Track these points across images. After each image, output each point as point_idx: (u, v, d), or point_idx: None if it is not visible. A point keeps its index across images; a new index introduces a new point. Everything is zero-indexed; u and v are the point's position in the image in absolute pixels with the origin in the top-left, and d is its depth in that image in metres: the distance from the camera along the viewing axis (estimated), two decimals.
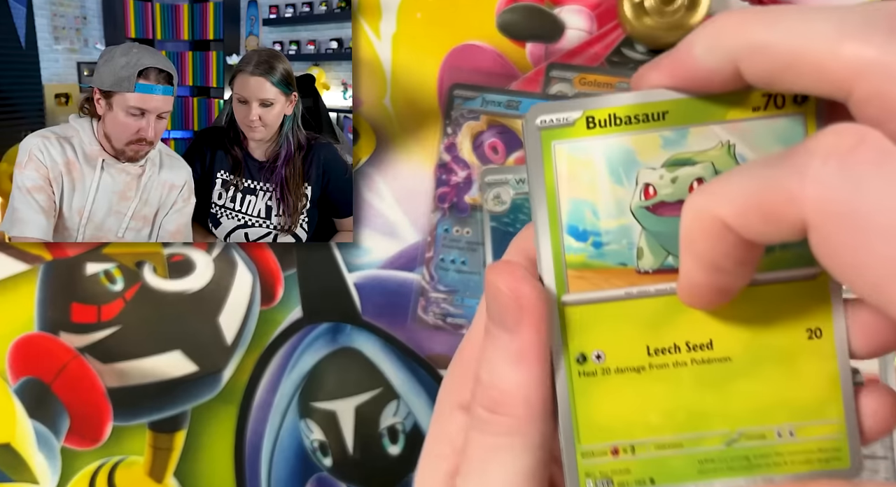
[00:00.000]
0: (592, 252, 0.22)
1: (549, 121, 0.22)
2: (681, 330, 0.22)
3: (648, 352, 0.23)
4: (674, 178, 0.22)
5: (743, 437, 0.23)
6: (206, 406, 0.48)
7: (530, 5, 0.48)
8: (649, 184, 0.22)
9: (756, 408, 0.23)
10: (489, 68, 0.48)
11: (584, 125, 0.22)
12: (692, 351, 0.22)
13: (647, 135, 0.22)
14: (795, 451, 0.23)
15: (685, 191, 0.22)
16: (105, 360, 0.48)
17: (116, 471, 0.48)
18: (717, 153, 0.22)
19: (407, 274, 0.48)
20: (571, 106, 0.22)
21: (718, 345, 0.22)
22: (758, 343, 0.22)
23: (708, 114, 0.22)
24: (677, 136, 0.22)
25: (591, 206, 0.22)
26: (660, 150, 0.22)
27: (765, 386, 0.22)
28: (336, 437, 0.47)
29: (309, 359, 0.48)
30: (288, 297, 0.48)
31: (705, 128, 0.22)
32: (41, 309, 0.48)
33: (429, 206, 0.48)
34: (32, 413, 0.48)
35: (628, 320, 0.22)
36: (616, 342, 0.23)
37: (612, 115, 0.22)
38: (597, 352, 0.23)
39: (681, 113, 0.22)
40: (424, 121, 0.48)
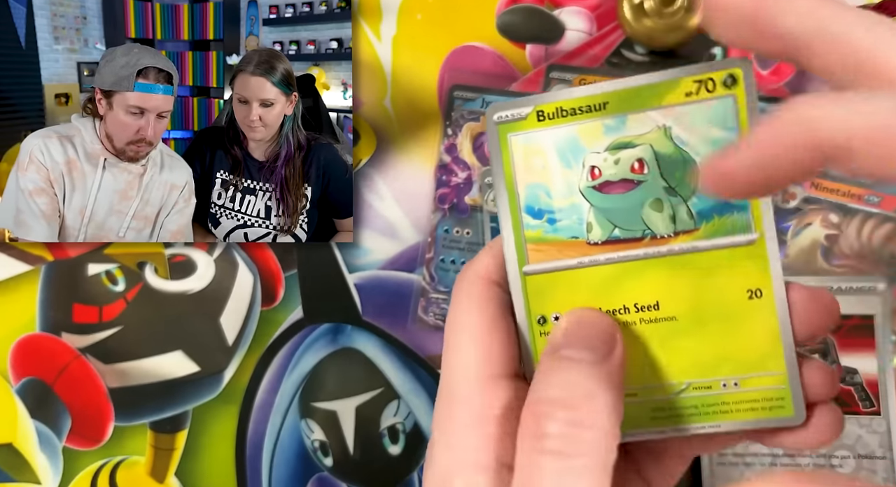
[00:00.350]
0: (547, 228, 0.25)
1: (504, 116, 0.25)
2: (629, 293, 0.25)
3: None
4: (616, 160, 0.25)
5: (691, 388, 0.25)
6: (208, 407, 0.48)
7: (530, 7, 0.48)
8: (595, 166, 0.25)
9: (702, 362, 0.25)
10: (489, 69, 0.48)
11: (535, 118, 0.25)
12: (640, 312, 0.25)
13: (591, 124, 0.25)
14: (740, 400, 0.25)
15: (627, 171, 0.25)
16: (106, 360, 0.48)
17: (118, 471, 0.48)
18: (655, 135, 0.25)
19: (407, 274, 0.48)
20: (524, 102, 0.25)
21: (664, 306, 0.25)
22: (701, 303, 0.25)
23: (644, 102, 0.24)
24: (617, 123, 0.25)
25: (545, 189, 0.25)
26: (602, 136, 0.25)
27: (709, 342, 0.25)
28: (337, 437, 0.47)
29: (310, 360, 0.48)
30: (289, 298, 0.48)
31: (642, 114, 0.24)
32: (43, 310, 0.48)
33: (429, 207, 0.48)
34: (34, 414, 0.48)
35: (581, 286, 0.25)
36: (571, 305, 0.25)
37: (559, 108, 0.25)
38: (555, 314, 0.25)
39: (619, 102, 0.25)
40: (425, 122, 0.48)
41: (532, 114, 0.25)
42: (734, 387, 0.25)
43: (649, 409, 0.26)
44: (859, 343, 0.44)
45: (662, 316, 0.25)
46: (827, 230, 0.46)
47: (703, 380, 0.25)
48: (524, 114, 0.25)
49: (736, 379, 0.25)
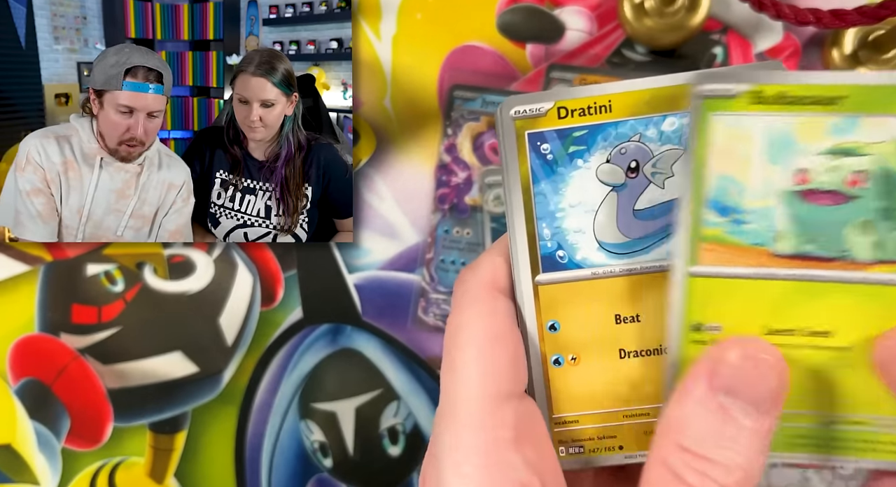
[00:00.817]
0: (731, 228, 0.22)
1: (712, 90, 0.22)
2: (803, 316, 0.22)
3: (766, 331, 0.23)
4: (833, 167, 0.21)
5: (843, 421, 0.23)
6: (207, 407, 0.48)
7: (531, 6, 0.48)
8: (805, 169, 0.21)
9: (864, 398, 0.23)
10: (489, 69, 0.48)
11: (750, 99, 0.21)
12: (810, 337, 0.22)
13: (815, 119, 0.21)
14: (891, 440, 0.23)
15: (841, 182, 0.21)
16: (105, 361, 0.48)
17: (117, 472, 0.48)
18: (891, 147, 0.21)
19: (407, 275, 0.48)
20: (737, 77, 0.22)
21: (839, 336, 0.22)
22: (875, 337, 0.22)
23: (888, 105, 0.21)
24: (847, 124, 0.21)
25: (739, 184, 0.22)
26: (823, 136, 0.21)
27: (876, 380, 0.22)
28: (336, 438, 0.47)
29: (309, 360, 0.48)
30: (288, 298, 0.48)
31: (883, 119, 0.21)
32: (41, 310, 0.48)
33: (429, 207, 0.48)
34: (33, 414, 0.48)
35: (751, 298, 0.22)
36: (734, 317, 0.22)
37: (782, 93, 0.21)
38: (714, 324, 0.23)
39: (859, 99, 0.21)
40: (424, 121, 0.48)
41: (747, 93, 0.22)
42: (886, 428, 0.23)
43: (791, 435, 0.23)
44: None
45: (833, 345, 0.22)
46: None
47: (859, 415, 0.23)
48: (737, 91, 0.22)
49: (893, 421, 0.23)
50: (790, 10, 0.41)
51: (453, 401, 0.23)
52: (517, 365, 0.23)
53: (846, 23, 0.40)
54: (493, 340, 0.23)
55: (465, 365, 0.23)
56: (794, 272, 0.22)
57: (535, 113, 0.23)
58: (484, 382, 0.23)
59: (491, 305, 0.24)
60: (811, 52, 0.47)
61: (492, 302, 0.24)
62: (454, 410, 0.23)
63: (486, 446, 0.22)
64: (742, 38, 0.47)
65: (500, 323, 0.23)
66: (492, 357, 0.23)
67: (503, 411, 0.22)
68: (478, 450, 0.22)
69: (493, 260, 0.25)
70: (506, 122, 0.23)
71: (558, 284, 0.24)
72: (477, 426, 0.22)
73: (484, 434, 0.22)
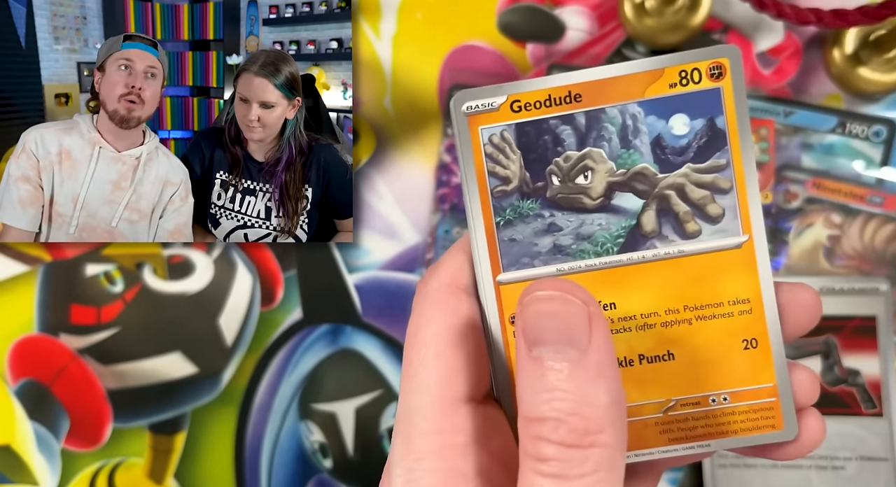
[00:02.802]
0: None
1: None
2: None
3: None
4: None
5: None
6: (206, 408, 0.48)
7: (531, 6, 0.47)
8: None
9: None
10: (490, 69, 0.48)
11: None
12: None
13: None
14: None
15: None
16: (105, 362, 0.47)
17: (116, 473, 0.48)
18: None
19: (407, 275, 0.48)
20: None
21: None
22: None
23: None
24: None
25: None
26: None
27: None
28: (336, 439, 0.47)
29: (309, 361, 0.48)
30: (288, 299, 0.48)
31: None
32: (41, 311, 0.48)
33: (429, 207, 0.48)
34: (32, 415, 0.48)
35: None
36: None
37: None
38: None
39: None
40: (425, 121, 0.48)
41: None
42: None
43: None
44: (862, 344, 0.43)
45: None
46: (829, 230, 0.46)
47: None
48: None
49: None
50: (791, 10, 0.41)
51: (408, 405, 0.22)
52: (477, 368, 0.23)
53: (847, 22, 0.40)
54: (451, 342, 0.22)
55: (421, 367, 0.22)
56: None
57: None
58: (440, 386, 0.22)
59: (451, 305, 0.23)
60: (812, 51, 0.47)
61: (452, 302, 0.23)
62: (409, 414, 0.22)
63: (438, 452, 0.21)
64: (743, 37, 0.47)
65: (460, 324, 0.23)
66: (450, 359, 0.22)
67: (458, 416, 0.22)
68: (429, 456, 0.21)
69: (454, 259, 0.24)
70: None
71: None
72: (429, 431, 0.22)
73: (436, 439, 0.21)
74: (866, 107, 0.46)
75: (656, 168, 0.23)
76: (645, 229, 0.24)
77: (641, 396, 0.23)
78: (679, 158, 0.23)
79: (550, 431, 0.19)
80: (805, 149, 0.46)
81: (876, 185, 0.45)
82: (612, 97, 0.23)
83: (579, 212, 0.24)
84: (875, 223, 0.45)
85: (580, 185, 0.24)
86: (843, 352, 0.44)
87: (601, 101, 0.23)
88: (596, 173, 0.23)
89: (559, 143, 0.23)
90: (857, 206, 0.45)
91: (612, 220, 0.24)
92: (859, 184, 0.45)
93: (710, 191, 0.23)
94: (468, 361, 0.22)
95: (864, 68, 0.45)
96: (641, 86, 0.23)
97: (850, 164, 0.46)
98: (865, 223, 0.45)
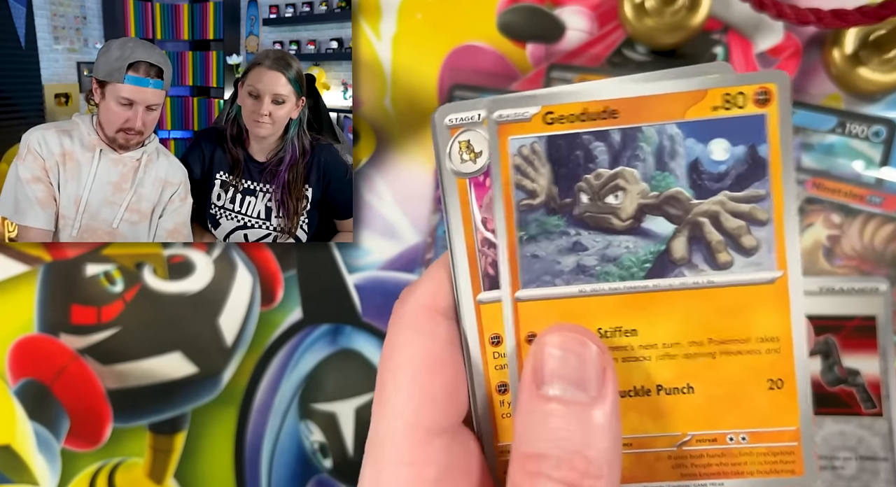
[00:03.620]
0: None
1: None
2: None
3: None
4: None
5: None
6: (206, 408, 0.48)
7: (531, 6, 0.48)
8: None
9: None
10: (490, 69, 0.48)
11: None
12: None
13: None
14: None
15: None
16: (105, 362, 0.47)
17: (116, 473, 0.48)
18: None
19: (407, 275, 0.48)
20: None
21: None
22: None
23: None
24: None
25: None
26: None
27: None
28: (336, 439, 0.47)
29: (309, 361, 0.48)
30: (288, 299, 0.48)
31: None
32: (41, 311, 0.48)
33: (429, 208, 0.48)
34: (32, 415, 0.48)
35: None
36: None
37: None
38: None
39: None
40: (425, 121, 0.48)
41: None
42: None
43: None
44: (861, 344, 0.43)
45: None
46: (829, 230, 0.46)
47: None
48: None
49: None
50: (791, 10, 0.41)
51: (379, 433, 0.22)
52: (453, 395, 0.22)
53: (847, 22, 0.40)
54: (428, 367, 0.22)
55: (395, 393, 0.21)
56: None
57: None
58: (414, 414, 0.21)
59: (428, 329, 0.22)
60: (812, 51, 0.47)
61: (429, 326, 0.22)
62: (380, 443, 0.21)
63: (409, 485, 0.21)
64: (743, 37, 0.47)
65: (438, 348, 0.22)
66: (425, 385, 0.21)
67: (431, 446, 0.21)
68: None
69: (434, 278, 0.23)
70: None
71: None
72: (399, 461, 0.21)
73: (408, 471, 0.21)
74: (866, 107, 0.46)
75: (691, 193, 0.22)
76: (674, 256, 0.22)
77: (656, 428, 0.23)
78: (716, 185, 0.22)
79: (552, 468, 0.19)
80: (805, 149, 0.46)
81: (876, 185, 0.45)
82: (651, 116, 0.22)
83: (606, 233, 0.23)
84: (875, 223, 0.45)
85: (610, 205, 0.23)
86: (842, 352, 0.44)
87: (639, 120, 0.22)
88: (627, 193, 0.22)
89: (591, 160, 0.22)
90: (857, 206, 0.45)
91: (640, 244, 0.23)
92: (859, 184, 0.45)
93: (746, 221, 0.22)
94: (445, 388, 0.22)
95: (863, 68, 0.45)
96: (682, 107, 0.22)
97: (850, 164, 0.46)
98: (865, 223, 0.45)
